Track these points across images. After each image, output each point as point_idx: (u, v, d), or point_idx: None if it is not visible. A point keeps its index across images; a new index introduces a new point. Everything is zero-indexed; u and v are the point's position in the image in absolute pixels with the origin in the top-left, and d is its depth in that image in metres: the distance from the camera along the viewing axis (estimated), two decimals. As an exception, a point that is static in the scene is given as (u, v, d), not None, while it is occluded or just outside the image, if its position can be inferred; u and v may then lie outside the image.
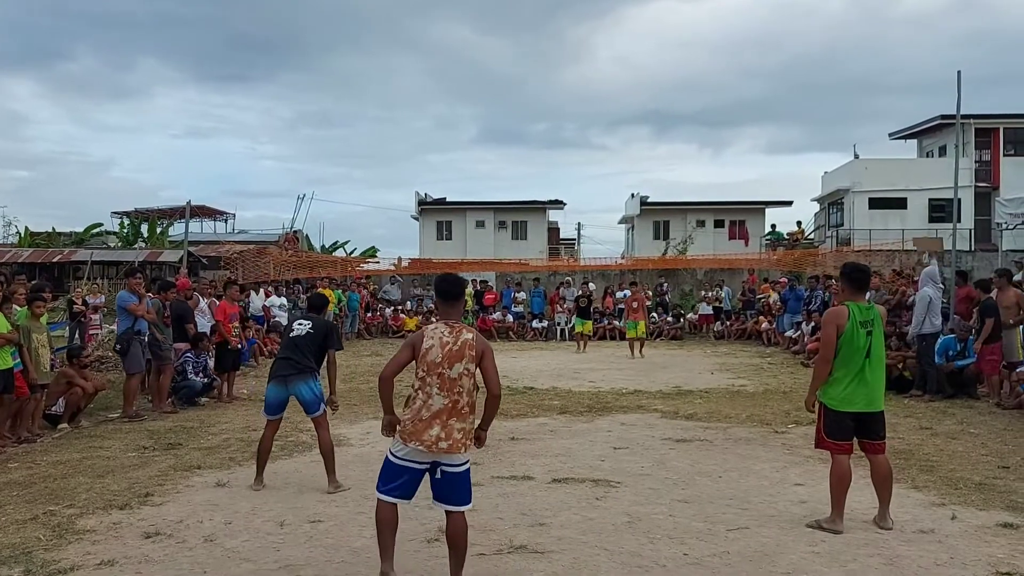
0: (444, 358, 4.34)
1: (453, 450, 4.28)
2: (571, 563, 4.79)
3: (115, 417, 10.09)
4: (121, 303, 10.36)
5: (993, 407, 10.51)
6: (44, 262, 27.96)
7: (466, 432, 4.35)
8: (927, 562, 4.80)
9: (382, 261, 33.86)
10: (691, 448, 8.13)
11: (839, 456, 5.46)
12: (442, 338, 4.39)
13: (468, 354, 4.36)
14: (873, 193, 33.54)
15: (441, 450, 4.27)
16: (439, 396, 4.32)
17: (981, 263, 25.09)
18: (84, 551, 5.02)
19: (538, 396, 11.87)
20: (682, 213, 39.94)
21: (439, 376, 4.33)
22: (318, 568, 4.75)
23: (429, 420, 4.29)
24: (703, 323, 24.16)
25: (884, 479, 5.52)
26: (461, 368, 4.35)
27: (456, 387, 4.33)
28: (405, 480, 4.38)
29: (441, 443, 4.26)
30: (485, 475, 6.89)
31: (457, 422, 4.31)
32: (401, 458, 4.37)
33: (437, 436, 4.26)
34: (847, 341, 5.35)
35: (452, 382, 4.33)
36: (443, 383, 4.33)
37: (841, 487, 5.41)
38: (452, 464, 4.34)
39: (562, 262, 35.58)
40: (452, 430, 4.28)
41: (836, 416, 5.44)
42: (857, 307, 5.44)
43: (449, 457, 4.31)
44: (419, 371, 4.40)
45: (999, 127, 33.50)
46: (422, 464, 4.35)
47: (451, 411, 4.31)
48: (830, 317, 5.53)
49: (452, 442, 4.27)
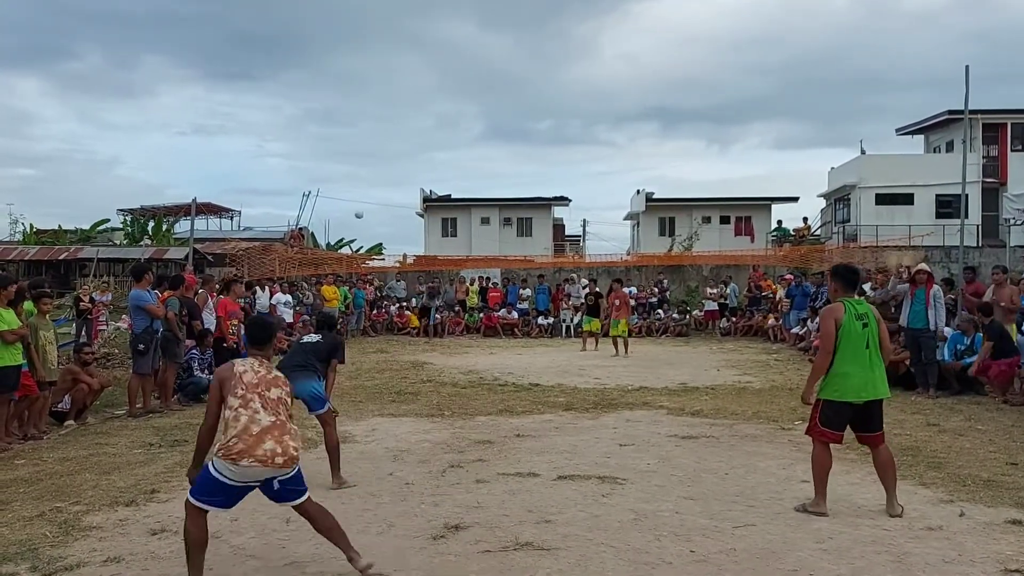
0: (260, 381, 4.39)
1: (288, 464, 4.27)
2: (577, 560, 4.78)
3: (121, 414, 10.12)
4: (140, 302, 10.30)
5: (1000, 403, 10.46)
6: (50, 259, 28.08)
7: (296, 445, 4.34)
8: (935, 559, 4.78)
9: (387, 258, 33.93)
10: (697, 445, 8.11)
11: (823, 444, 5.71)
12: (254, 366, 4.47)
13: (283, 386, 4.49)
14: (880, 189, 33.40)
15: (276, 464, 4.22)
16: (264, 413, 4.29)
17: (988, 259, 24.96)
18: (90, 548, 5.03)
19: (543, 393, 11.86)
20: (688, 209, 39.89)
21: (260, 396, 4.33)
22: (323, 565, 4.74)
23: (260, 435, 4.22)
24: (708, 320, 24.10)
25: (887, 468, 5.68)
26: (280, 393, 4.43)
27: (279, 407, 4.37)
28: (229, 497, 4.33)
29: (277, 458, 4.21)
30: (490, 472, 6.89)
31: (289, 439, 4.31)
32: (229, 478, 4.23)
33: (272, 451, 4.20)
34: (846, 334, 5.58)
35: (274, 402, 4.36)
36: (265, 402, 4.33)
37: (823, 472, 5.68)
38: (285, 474, 4.32)
39: (567, 259, 35.57)
40: (288, 446, 4.27)
41: (837, 407, 5.63)
42: (851, 302, 5.72)
43: (283, 472, 4.29)
44: (238, 392, 4.32)
45: (1007, 122, 33.32)
46: (251, 482, 4.29)
47: (281, 428, 4.30)
48: (827, 312, 5.76)
49: (288, 457, 4.25)
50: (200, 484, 4.32)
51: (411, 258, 32.56)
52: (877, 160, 34.40)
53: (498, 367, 15.28)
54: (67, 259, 28.17)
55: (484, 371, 14.58)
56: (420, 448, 7.96)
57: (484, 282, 26.02)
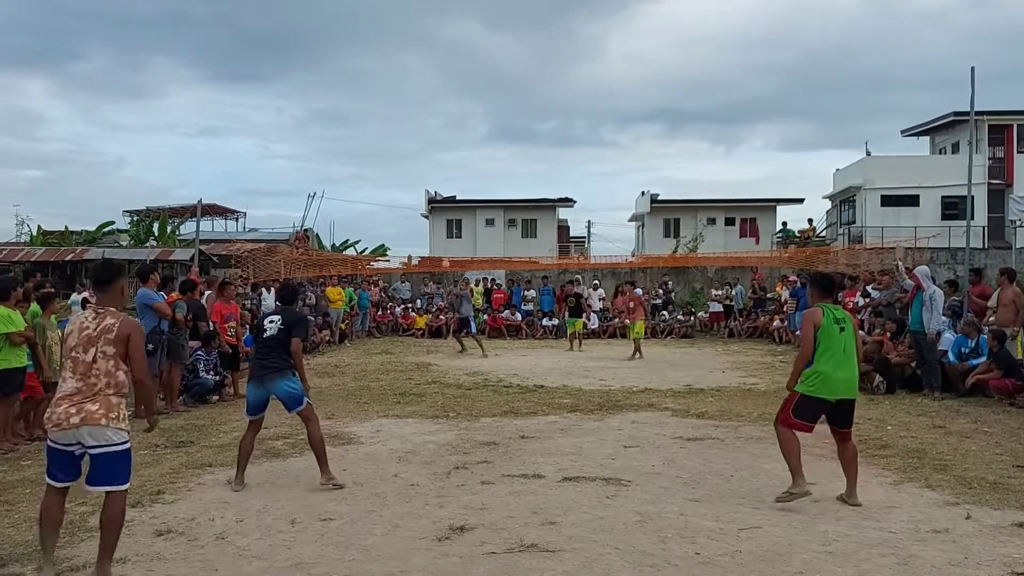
0: (80, 342, 4.39)
1: (88, 422, 4.27)
2: (582, 562, 4.78)
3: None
4: (148, 301, 10.31)
5: (1007, 406, 10.43)
6: (56, 261, 28.13)
7: (107, 407, 4.33)
8: (941, 562, 4.76)
9: (392, 259, 33.96)
10: (702, 447, 8.10)
11: (789, 431, 6.01)
12: (82, 323, 4.46)
13: (105, 338, 4.39)
14: (885, 190, 33.31)
15: (72, 425, 4.27)
16: (72, 379, 4.36)
17: (994, 260, 24.89)
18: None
19: (548, 394, 11.86)
20: (693, 211, 39.82)
21: (72, 360, 4.39)
22: (329, 566, 4.75)
23: (59, 400, 4.35)
24: (713, 321, 24.08)
25: (850, 461, 6.08)
26: (95, 351, 4.37)
27: (91, 370, 4.36)
28: (54, 463, 4.42)
29: (72, 418, 4.27)
30: (495, 473, 6.89)
31: (91, 403, 4.31)
32: (47, 443, 4.41)
33: (66, 412, 4.29)
34: (826, 336, 5.97)
35: (86, 365, 4.36)
36: (76, 366, 4.37)
37: (793, 453, 5.97)
38: (97, 443, 4.33)
39: (572, 260, 35.55)
40: (84, 405, 4.30)
41: (813, 402, 5.97)
42: (828, 308, 6.12)
43: (89, 432, 4.30)
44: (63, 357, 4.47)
45: (1013, 124, 33.18)
46: (66, 445, 4.36)
47: (84, 393, 4.33)
48: (808, 317, 6.16)
49: (85, 414, 4.28)
50: None
51: (416, 259, 32.59)
52: (883, 161, 34.31)
53: (503, 368, 15.28)
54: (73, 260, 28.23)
55: (489, 372, 14.59)
56: (425, 449, 7.96)
57: (488, 283, 26.04)
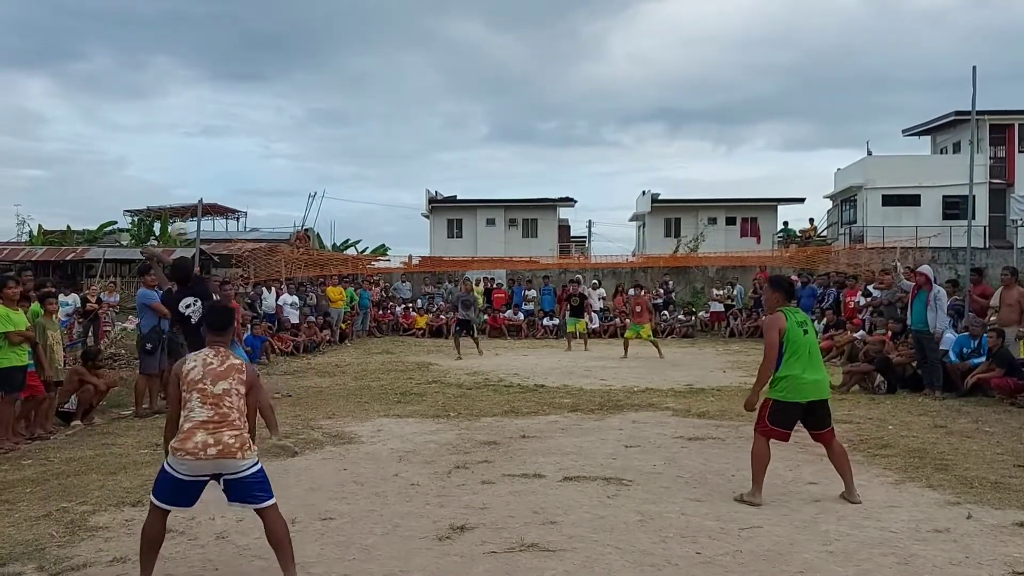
0: (206, 375, 4.34)
1: (224, 455, 4.21)
2: (583, 562, 4.77)
3: (128, 415, 10.14)
4: (147, 301, 10.32)
5: (1008, 405, 10.41)
6: (57, 260, 28.14)
7: (241, 439, 4.28)
8: (942, 561, 4.76)
9: (393, 259, 33.97)
10: (703, 446, 8.10)
11: (764, 440, 6.06)
12: (205, 358, 4.42)
13: (236, 376, 4.39)
14: (886, 190, 33.31)
15: (210, 456, 4.19)
16: (201, 409, 4.28)
17: (996, 260, 24.88)
18: (97, 548, 5.04)
19: (549, 394, 11.85)
20: (693, 211, 39.82)
21: (200, 392, 4.31)
22: (329, 565, 4.74)
23: (191, 431, 4.23)
24: (714, 321, 24.08)
25: (841, 459, 6.10)
26: (227, 385, 4.34)
27: (223, 401, 4.31)
28: (178, 493, 4.32)
29: (209, 449, 4.19)
30: (496, 473, 6.89)
31: (228, 430, 4.26)
32: (176, 471, 4.26)
33: (203, 442, 4.19)
34: (791, 340, 6.02)
35: (216, 397, 4.31)
36: (204, 397, 4.30)
37: (761, 465, 6.03)
38: (233, 471, 4.26)
39: (573, 260, 35.55)
40: (222, 437, 4.23)
41: (785, 407, 6.00)
42: (790, 311, 6.15)
43: (226, 464, 4.24)
44: (183, 393, 4.35)
45: (1014, 123, 33.16)
46: (196, 476, 4.28)
47: (219, 422, 4.26)
48: (771, 323, 6.16)
49: (222, 447, 4.20)
50: (157, 482, 4.37)
51: (416, 259, 32.60)
52: (884, 161, 34.31)
53: (503, 368, 15.28)
54: (74, 260, 28.25)
55: (489, 372, 14.58)
56: (426, 449, 7.96)
57: (489, 283, 26.04)
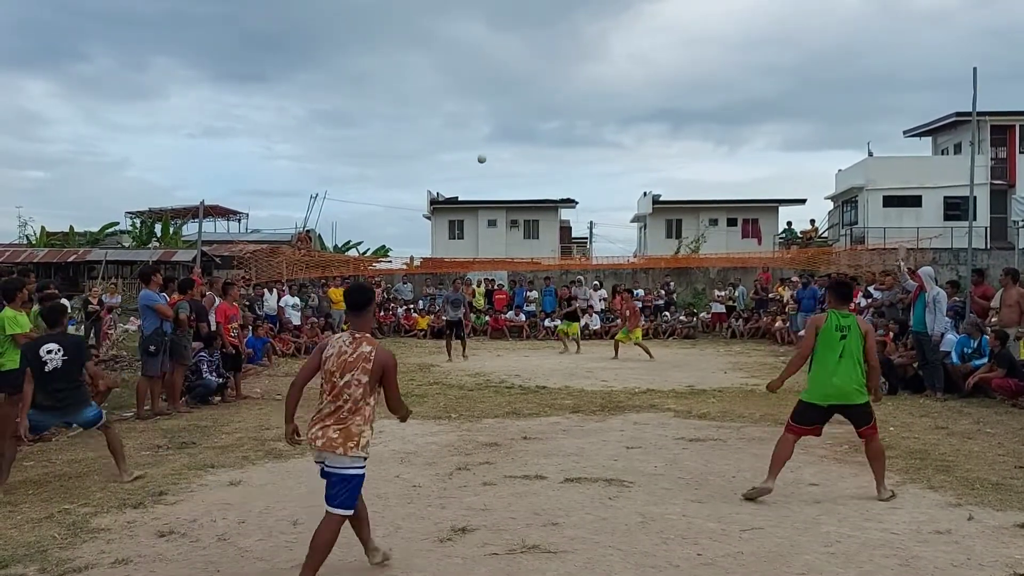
0: (337, 367, 4.47)
1: (327, 448, 4.39)
2: (584, 563, 4.78)
3: (129, 416, 10.14)
4: (149, 303, 10.30)
5: (1009, 406, 10.41)
6: (59, 262, 28.19)
7: (345, 435, 4.40)
8: (943, 563, 4.76)
9: (394, 260, 33.97)
10: (704, 448, 8.10)
11: (790, 436, 6.30)
12: (341, 348, 4.52)
13: (362, 366, 4.46)
14: (887, 191, 33.30)
15: (317, 447, 4.42)
16: (327, 399, 4.49)
17: (997, 261, 24.86)
18: (99, 550, 5.05)
19: (550, 395, 11.86)
20: (695, 211, 39.79)
21: (331, 383, 4.48)
22: (331, 567, 4.74)
23: (314, 420, 4.49)
24: (716, 322, 24.07)
25: (873, 458, 6.26)
26: (350, 377, 4.45)
27: (342, 394, 4.45)
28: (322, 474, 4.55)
29: (317, 440, 4.41)
30: (497, 474, 6.89)
31: (335, 425, 4.42)
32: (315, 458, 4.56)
33: (315, 433, 4.44)
34: (823, 342, 6.14)
35: (339, 389, 4.45)
36: (331, 388, 4.47)
37: (779, 460, 6.24)
38: (332, 465, 4.43)
39: (574, 261, 35.53)
40: (328, 429, 4.41)
41: (806, 407, 6.25)
42: (837, 314, 6.21)
43: (328, 457, 4.42)
44: (322, 382, 4.56)
45: (1015, 124, 33.13)
46: (318, 463, 4.52)
47: (333, 416, 4.44)
48: (811, 321, 6.42)
49: (326, 440, 4.39)
50: None
51: (418, 260, 32.60)
52: (885, 162, 34.29)
53: (505, 369, 15.28)
54: (75, 261, 28.30)
55: (491, 373, 14.58)
56: (427, 450, 7.96)
57: (490, 284, 26.03)
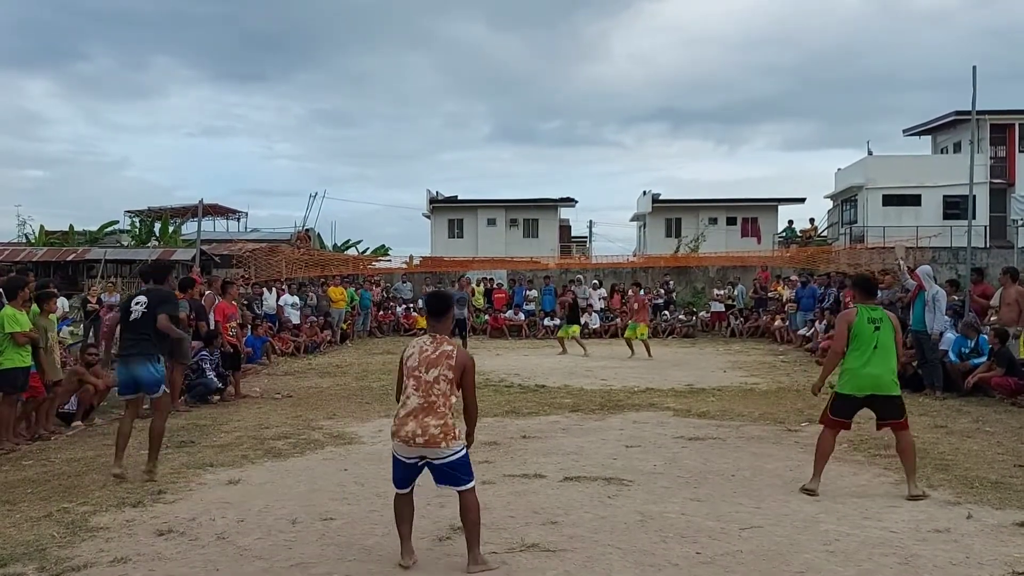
0: (420, 363, 4.66)
1: (430, 444, 4.54)
2: (583, 562, 4.78)
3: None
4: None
5: (1008, 405, 10.41)
6: (58, 261, 28.18)
7: (445, 428, 4.56)
8: (942, 561, 4.76)
9: (393, 259, 33.97)
10: (703, 446, 8.10)
11: (829, 431, 6.40)
12: (422, 347, 4.74)
13: (446, 363, 4.64)
14: (887, 190, 33.27)
15: (418, 444, 4.55)
16: (415, 396, 4.62)
17: (996, 260, 24.86)
18: (97, 548, 5.05)
19: (550, 394, 11.86)
20: (694, 211, 39.78)
21: (415, 379, 4.65)
22: (330, 566, 4.75)
23: (404, 418, 4.61)
24: (715, 321, 24.08)
25: (906, 453, 6.29)
26: (437, 373, 4.63)
27: (432, 389, 4.61)
28: (399, 473, 4.74)
29: (418, 438, 4.54)
30: (497, 473, 6.89)
31: (433, 419, 4.56)
32: (393, 453, 4.73)
33: (412, 432, 4.55)
34: (856, 335, 6.26)
35: (428, 384, 4.61)
36: (418, 384, 4.63)
37: (822, 457, 6.37)
38: (438, 457, 4.59)
39: (574, 260, 35.54)
40: (428, 426, 4.54)
41: (844, 399, 6.31)
42: (866, 308, 6.40)
43: (430, 452, 4.57)
44: (404, 379, 4.75)
45: (1015, 123, 33.09)
46: (409, 459, 4.66)
47: (427, 410, 4.57)
48: (843, 316, 6.56)
49: (428, 437, 4.53)
50: (393, 470, 4.79)
51: (417, 259, 32.59)
52: (884, 161, 34.27)
53: (504, 368, 15.27)
54: (75, 260, 28.29)
55: (490, 372, 14.57)
56: (426, 449, 7.95)
57: (489, 283, 26.03)
